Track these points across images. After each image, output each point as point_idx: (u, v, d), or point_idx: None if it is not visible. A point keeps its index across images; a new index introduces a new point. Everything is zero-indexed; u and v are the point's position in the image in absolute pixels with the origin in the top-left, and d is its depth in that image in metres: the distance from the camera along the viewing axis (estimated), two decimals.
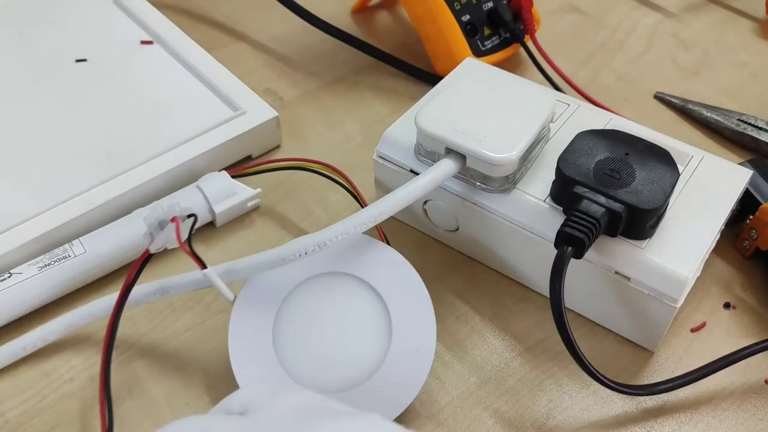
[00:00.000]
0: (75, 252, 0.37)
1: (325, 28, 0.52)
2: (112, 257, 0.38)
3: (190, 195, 0.40)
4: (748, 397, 0.35)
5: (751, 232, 0.39)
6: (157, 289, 0.34)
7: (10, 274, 0.36)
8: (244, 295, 0.33)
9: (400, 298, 0.33)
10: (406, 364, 0.32)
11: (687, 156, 0.38)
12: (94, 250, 0.38)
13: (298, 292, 0.34)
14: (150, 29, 0.51)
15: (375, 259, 0.34)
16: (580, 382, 0.35)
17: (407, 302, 0.33)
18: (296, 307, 0.33)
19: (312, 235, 0.32)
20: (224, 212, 0.40)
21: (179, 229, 0.30)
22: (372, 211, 0.33)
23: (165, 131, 0.44)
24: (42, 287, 0.36)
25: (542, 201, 0.36)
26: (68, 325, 0.35)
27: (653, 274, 0.33)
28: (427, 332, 0.33)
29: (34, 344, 0.35)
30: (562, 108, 0.40)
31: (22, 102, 0.46)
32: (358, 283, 0.34)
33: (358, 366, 0.32)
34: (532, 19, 0.49)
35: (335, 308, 0.33)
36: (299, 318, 0.33)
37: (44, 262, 0.37)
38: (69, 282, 0.37)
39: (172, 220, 0.30)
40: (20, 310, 0.36)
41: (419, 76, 0.51)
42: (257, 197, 0.42)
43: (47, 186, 0.41)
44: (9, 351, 0.35)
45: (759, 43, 0.54)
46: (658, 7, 0.58)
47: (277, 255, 0.32)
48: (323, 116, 0.49)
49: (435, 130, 0.35)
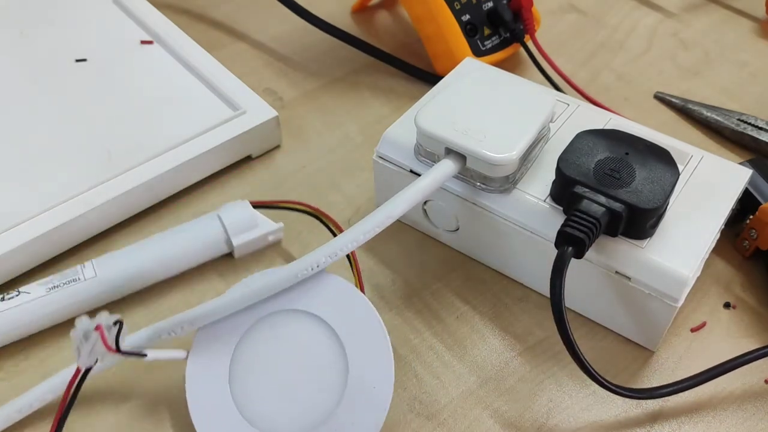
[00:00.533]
0: (85, 275, 0.36)
1: (325, 28, 0.52)
2: (122, 284, 0.37)
3: (209, 224, 0.39)
4: (747, 397, 0.35)
5: (751, 232, 0.39)
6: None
7: (18, 292, 0.35)
8: (197, 344, 0.32)
9: (353, 331, 0.32)
10: (364, 401, 0.31)
11: (687, 156, 0.38)
12: (105, 275, 0.36)
13: (251, 333, 0.32)
14: (150, 29, 0.51)
15: (326, 292, 0.33)
16: (580, 381, 0.35)
17: (361, 335, 0.32)
18: (250, 350, 0.32)
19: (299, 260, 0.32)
20: (243, 245, 0.39)
21: (105, 337, 0.28)
22: (377, 217, 0.33)
23: (165, 131, 0.44)
24: (48, 309, 0.35)
25: (542, 201, 0.36)
26: (65, 382, 0.32)
27: (654, 274, 0.33)
28: (385, 368, 0.32)
29: (30, 406, 0.33)
30: (561, 108, 0.40)
31: (22, 102, 0.46)
32: (311, 319, 0.32)
33: (315, 407, 0.31)
34: (532, 18, 0.49)
35: (289, 348, 0.32)
36: (254, 361, 0.32)
37: (53, 283, 0.36)
38: (76, 306, 0.36)
39: (96, 328, 0.28)
40: (24, 330, 0.36)
41: (419, 76, 0.51)
42: (279, 231, 0.40)
43: (47, 186, 0.41)
44: (5, 414, 0.33)
45: (759, 43, 0.54)
46: (658, 7, 0.58)
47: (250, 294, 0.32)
48: (323, 116, 0.49)
49: (435, 131, 0.35)
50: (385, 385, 0.31)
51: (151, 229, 0.42)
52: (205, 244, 0.38)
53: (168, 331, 0.32)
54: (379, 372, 0.32)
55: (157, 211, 0.43)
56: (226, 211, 0.39)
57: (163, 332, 0.32)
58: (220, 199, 0.43)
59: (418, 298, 0.38)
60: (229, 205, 0.39)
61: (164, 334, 0.32)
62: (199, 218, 0.39)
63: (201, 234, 0.38)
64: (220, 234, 0.38)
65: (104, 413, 0.34)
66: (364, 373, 0.32)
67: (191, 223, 0.39)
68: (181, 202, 0.43)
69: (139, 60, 0.49)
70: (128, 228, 0.42)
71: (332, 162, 0.46)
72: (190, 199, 0.43)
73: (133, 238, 0.41)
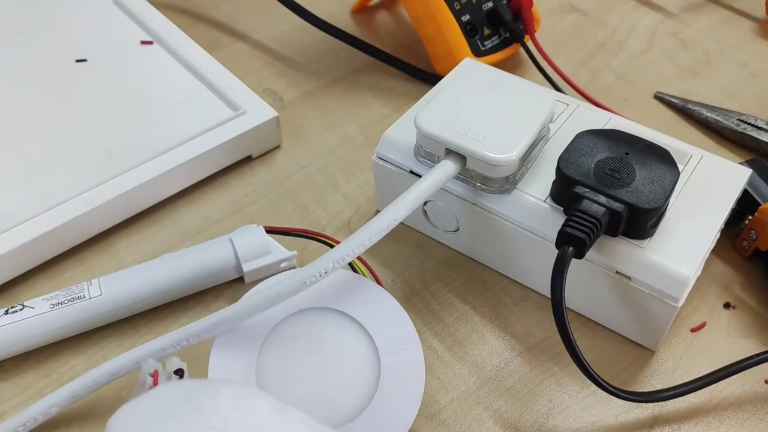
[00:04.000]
0: (91, 293, 0.36)
1: (325, 28, 0.52)
2: (127, 304, 0.36)
3: (220, 248, 0.38)
4: (747, 397, 0.35)
5: (750, 233, 0.39)
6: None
7: (22, 306, 0.35)
8: (216, 351, 0.32)
9: (387, 335, 0.33)
10: (393, 406, 0.31)
11: (686, 155, 0.38)
12: (111, 294, 0.36)
13: (281, 328, 0.33)
14: (150, 29, 0.51)
15: (358, 294, 0.33)
16: (580, 381, 0.35)
17: (395, 340, 0.32)
18: (280, 344, 0.32)
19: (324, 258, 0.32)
20: (254, 271, 0.38)
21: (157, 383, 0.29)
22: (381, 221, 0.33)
23: (165, 131, 0.44)
24: (51, 326, 0.35)
25: (542, 201, 0.36)
26: (71, 395, 0.32)
27: (654, 274, 0.33)
28: (416, 372, 0.32)
29: (35, 419, 0.32)
30: (561, 108, 0.40)
31: (22, 102, 0.46)
32: (343, 319, 0.33)
33: (344, 406, 0.31)
34: (532, 19, 0.49)
35: (321, 345, 0.32)
36: (283, 356, 0.32)
37: (58, 299, 0.35)
38: (79, 324, 0.36)
39: (152, 374, 0.29)
40: (26, 345, 0.35)
41: (419, 76, 0.51)
42: (293, 259, 0.39)
43: (47, 186, 0.41)
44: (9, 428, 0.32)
45: (759, 43, 0.54)
46: (658, 7, 0.58)
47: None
48: (323, 116, 0.49)
49: (435, 131, 0.35)
50: (416, 387, 0.32)
51: (151, 230, 0.42)
52: (215, 268, 0.37)
53: (189, 337, 0.32)
54: (411, 375, 0.32)
55: (157, 211, 0.43)
56: (238, 236, 0.38)
57: (183, 340, 0.32)
58: (220, 199, 0.43)
59: (418, 298, 0.38)
60: (242, 230, 0.38)
61: (184, 341, 0.32)
62: (210, 241, 0.38)
63: (211, 258, 0.37)
64: (230, 259, 0.37)
65: (105, 414, 0.34)
66: (395, 374, 0.32)
67: (202, 245, 0.38)
68: (181, 202, 0.43)
69: (139, 60, 0.49)
70: (128, 228, 0.42)
71: (332, 162, 0.46)
72: (190, 199, 0.43)
73: (133, 238, 0.41)
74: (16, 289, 0.39)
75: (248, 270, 0.38)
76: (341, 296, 0.33)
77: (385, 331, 0.33)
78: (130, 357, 0.32)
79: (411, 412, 0.31)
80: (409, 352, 0.32)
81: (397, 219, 0.33)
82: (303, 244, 0.40)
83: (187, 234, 0.41)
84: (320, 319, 0.33)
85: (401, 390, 0.32)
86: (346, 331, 0.33)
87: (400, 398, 0.32)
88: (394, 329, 0.33)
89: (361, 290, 0.34)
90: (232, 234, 0.38)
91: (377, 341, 0.32)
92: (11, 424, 0.32)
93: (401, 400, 0.32)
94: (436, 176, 0.34)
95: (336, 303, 0.33)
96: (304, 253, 0.40)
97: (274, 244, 0.38)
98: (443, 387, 0.35)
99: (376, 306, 0.33)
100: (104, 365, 0.32)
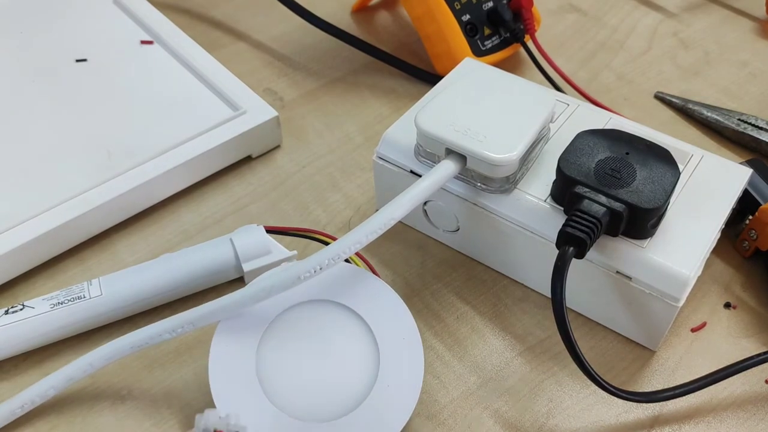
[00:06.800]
0: (91, 293, 0.36)
1: (325, 28, 0.52)
2: (127, 304, 0.36)
3: (220, 248, 0.38)
4: (748, 397, 0.35)
5: (750, 233, 0.39)
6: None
7: (23, 306, 0.35)
8: (218, 336, 0.32)
9: (386, 326, 0.33)
10: (393, 395, 0.32)
11: (687, 155, 0.38)
12: (111, 295, 0.36)
13: (282, 319, 0.33)
14: (150, 29, 0.51)
15: (359, 287, 0.33)
16: (580, 381, 0.35)
17: (394, 331, 0.33)
18: (281, 335, 0.33)
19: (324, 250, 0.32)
20: (254, 271, 0.37)
21: None
22: (379, 219, 0.33)
23: (165, 131, 0.44)
24: (51, 326, 0.35)
25: (543, 201, 0.36)
26: (68, 378, 0.33)
27: (655, 274, 0.33)
28: (415, 362, 0.32)
29: (32, 401, 0.33)
30: (561, 108, 0.40)
31: (21, 102, 0.46)
32: (343, 311, 0.33)
33: (344, 395, 0.32)
34: (532, 18, 0.49)
35: (321, 336, 0.33)
36: (284, 345, 0.32)
37: (58, 299, 0.35)
38: (79, 324, 0.36)
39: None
40: (26, 345, 0.35)
41: (419, 76, 0.51)
42: (293, 258, 0.38)
43: (47, 186, 0.41)
44: (6, 410, 0.33)
45: (759, 43, 0.54)
46: (658, 7, 0.58)
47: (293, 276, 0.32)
48: (323, 116, 0.49)
49: (435, 131, 0.35)
50: (415, 379, 0.32)
51: (150, 230, 0.42)
52: (215, 268, 0.37)
53: (189, 322, 0.32)
54: (410, 366, 0.32)
55: (157, 211, 0.42)
56: (239, 235, 0.38)
57: (187, 324, 0.32)
58: (220, 199, 0.43)
59: (418, 298, 0.38)
60: (242, 230, 0.38)
61: (187, 325, 0.32)
62: (210, 241, 0.38)
63: (211, 258, 0.37)
64: (231, 259, 0.37)
65: (104, 413, 0.34)
66: (394, 367, 0.32)
67: (202, 245, 0.38)
68: (181, 202, 0.43)
69: (139, 60, 0.49)
70: (128, 228, 0.42)
71: (332, 162, 0.46)
72: (190, 199, 0.43)
73: (133, 238, 0.41)
74: (16, 289, 0.39)
75: (248, 270, 0.37)
76: (342, 289, 0.33)
77: (384, 322, 0.33)
78: (125, 341, 0.32)
79: (411, 400, 0.32)
80: (408, 341, 0.33)
81: (395, 218, 0.33)
82: (303, 244, 0.40)
83: (187, 234, 0.41)
84: (321, 310, 0.33)
85: (400, 379, 0.32)
86: (346, 322, 0.33)
87: (399, 387, 0.32)
88: (393, 320, 0.33)
89: (362, 283, 0.34)
90: (232, 234, 0.38)
91: (376, 332, 0.33)
92: (8, 407, 0.32)
93: (401, 389, 0.32)
94: (436, 176, 0.34)
95: (337, 295, 0.33)
96: (304, 253, 0.40)
97: (275, 244, 0.38)
98: (443, 387, 0.35)
99: (375, 298, 0.33)
100: (100, 349, 0.33)
